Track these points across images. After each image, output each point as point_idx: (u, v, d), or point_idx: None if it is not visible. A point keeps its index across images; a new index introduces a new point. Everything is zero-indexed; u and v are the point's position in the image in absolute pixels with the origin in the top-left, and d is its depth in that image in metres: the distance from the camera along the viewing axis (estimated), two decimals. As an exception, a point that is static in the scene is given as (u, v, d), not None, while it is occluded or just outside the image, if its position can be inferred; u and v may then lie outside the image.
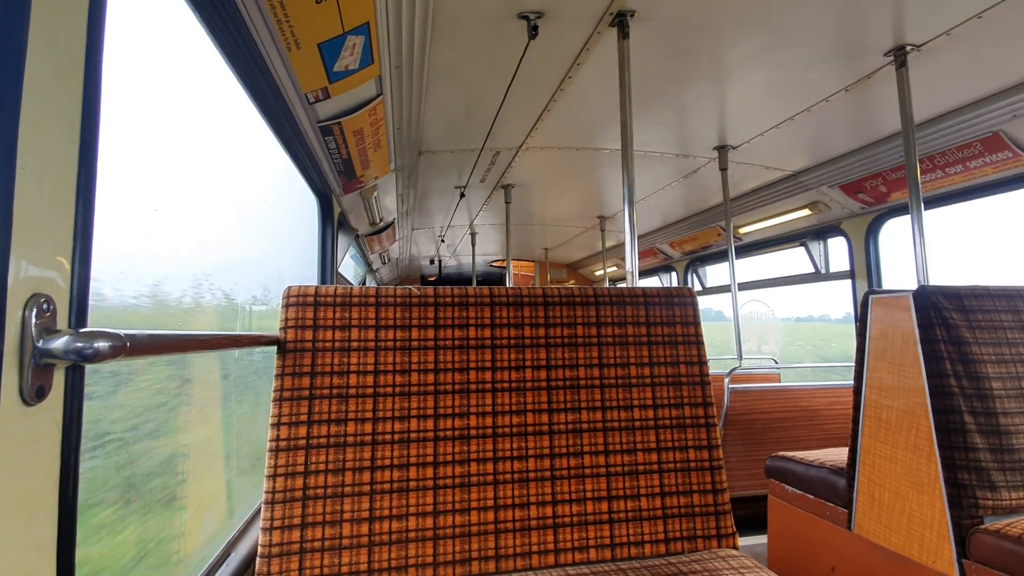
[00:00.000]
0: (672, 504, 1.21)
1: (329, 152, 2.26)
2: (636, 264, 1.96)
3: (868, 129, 2.89)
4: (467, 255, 7.00)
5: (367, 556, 1.05)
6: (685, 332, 1.34)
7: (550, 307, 1.28)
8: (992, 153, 2.62)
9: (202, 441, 1.48)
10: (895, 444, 1.68)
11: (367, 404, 1.13)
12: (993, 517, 1.47)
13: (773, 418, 3.06)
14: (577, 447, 1.21)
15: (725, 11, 1.85)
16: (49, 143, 0.56)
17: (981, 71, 2.21)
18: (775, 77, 2.33)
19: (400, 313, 1.19)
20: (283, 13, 1.37)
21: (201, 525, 1.38)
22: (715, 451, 1.27)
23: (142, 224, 1.11)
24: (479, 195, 4.32)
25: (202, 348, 0.88)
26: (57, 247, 0.57)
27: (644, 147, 3.25)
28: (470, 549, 1.10)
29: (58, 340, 0.53)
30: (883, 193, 3.28)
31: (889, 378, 1.72)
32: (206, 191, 1.49)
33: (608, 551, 1.16)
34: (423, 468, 1.12)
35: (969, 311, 1.63)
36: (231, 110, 1.67)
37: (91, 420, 0.92)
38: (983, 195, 2.93)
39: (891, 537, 1.66)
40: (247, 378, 1.86)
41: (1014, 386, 1.57)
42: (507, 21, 1.89)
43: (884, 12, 1.85)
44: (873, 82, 2.34)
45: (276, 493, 1.05)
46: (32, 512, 0.54)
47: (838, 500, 1.91)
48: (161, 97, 1.23)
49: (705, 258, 5.65)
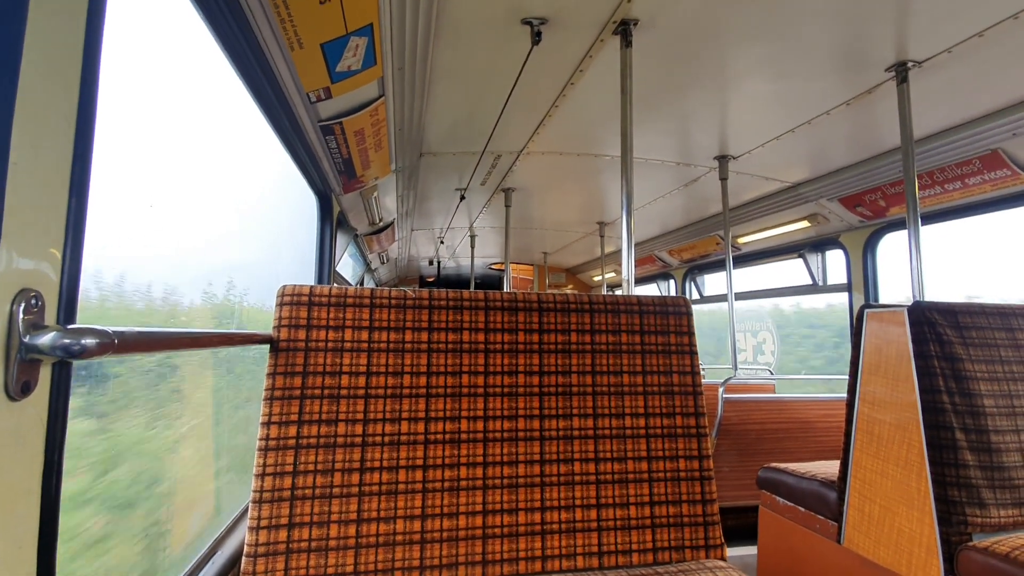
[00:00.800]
0: (661, 513, 1.21)
1: (330, 151, 2.27)
2: (632, 271, 1.96)
3: (868, 143, 2.90)
4: (466, 257, 7.00)
5: (353, 558, 1.05)
6: (679, 342, 1.34)
7: (544, 313, 1.28)
8: (991, 171, 2.63)
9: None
10: (886, 458, 1.68)
11: (358, 405, 1.12)
12: (982, 534, 1.47)
13: (767, 429, 3.06)
14: (568, 454, 1.20)
15: (728, 22, 1.86)
16: (43, 138, 0.56)
17: (981, 89, 2.22)
18: (777, 89, 2.34)
19: (394, 315, 1.19)
20: (287, 13, 1.37)
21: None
22: (705, 461, 1.27)
23: (139, 220, 1.10)
24: (479, 198, 4.32)
25: (193, 346, 0.88)
26: (48, 242, 0.57)
27: (645, 155, 3.25)
28: (458, 553, 1.10)
29: (45, 336, 0.53)
30: (882, 207, 3.29)
31: (882, 392, 1.72)
32: (206, 188, 1.49)
33: (595, 559, 1.16)
34: (412, 471, 1.12)
35: (963, 328, 1.63)
36: (232, 107, 1.68)
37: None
38: (981, 212, 2.94)
39: (880, 552, 1.66)
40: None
41: (1006, 404, 1.58)
42: (510, 26, 1.89)
43: (886, 28, 1.86)
44: (874, 97, 2.35)
45: (264, 492, 1.04)
46: (13, 508, 0.54)
47: (828, 513, 1.91)
48: (163, 94, 1.23)
49: (704, 267, 5.65)
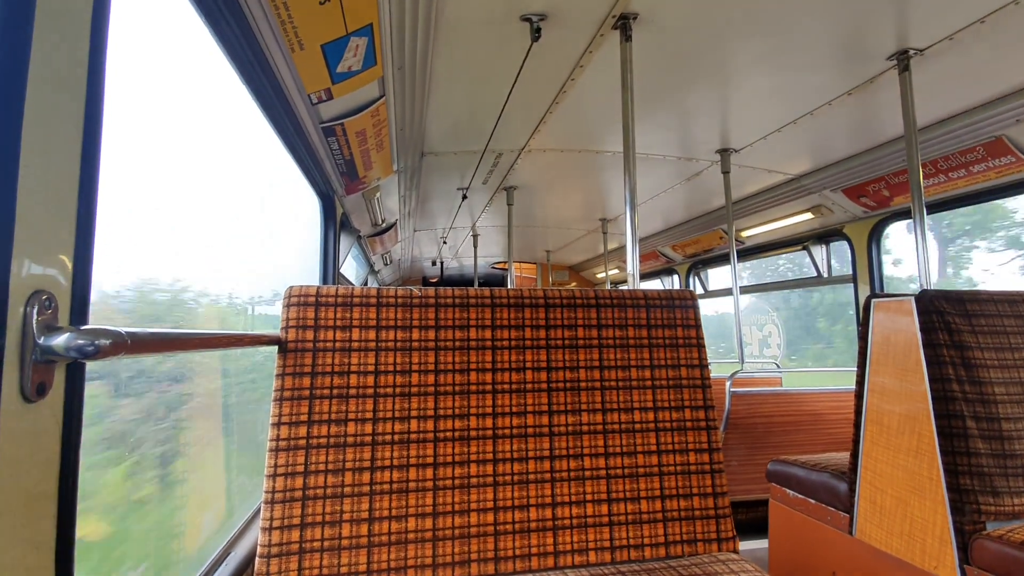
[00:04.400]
0: (672, 507, 1.21)
1: (332, 153, 2.27)
2: (637, 267, 1.96)
3: (871, 133, 2.88)
4: (469, 257, 7.00)
5: (366, 557, 1.05)
6: (686, 335, 1.33)
7: (551, 309, 1.28)
8: (995, 158, 2.61)
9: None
10: (897, 449, 1.67)
11: (367, 404, 1.13)
12: (995, 523, 1.46)
13: (775, 422, 3.05)
14: (577, 449, 1.20)
15: (728, 14, 1.85)
16: (52, 142, 0.56)
17: (984, 76, 2.20)
18: (778, 80, 2.33)
19: (401, 314, 1.19)
20: (287, 14, 1.37)
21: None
22: (715, 454, 1.27)
23: (145, 224, 1.11)
24: (481, 197, 4.32)
25: (204, 347, 0.88)
26: (59, 245, 0.57)
27: (646, 150, 3.24)
28: (469, 551, 1.10)
29: (59, 337, 0.53)
30: (886, 197, 3.28)
31: (891, 382, 1.71)
32: (209, 190, 1.50)
33: (608, 554, 1.15)
34: (423, 469, 1.12)
35: (972, 315, 1.62)
36: (235, 110, 1.68)
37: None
38: (986, 200, 2.92)
39: (893, 542, 1.65)
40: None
41: (1017, 391, 1.57)
42: (510, 23, 1.89)
43: (887, 17, 1.85)
44: (876, 86, 2.33)
45: (276, 493, 1.05)
46: (31, 509, 0.54)
47: (839, 505, 1.90)
48: (166, 98, 1.23)
49: (707, 261, 5.64)
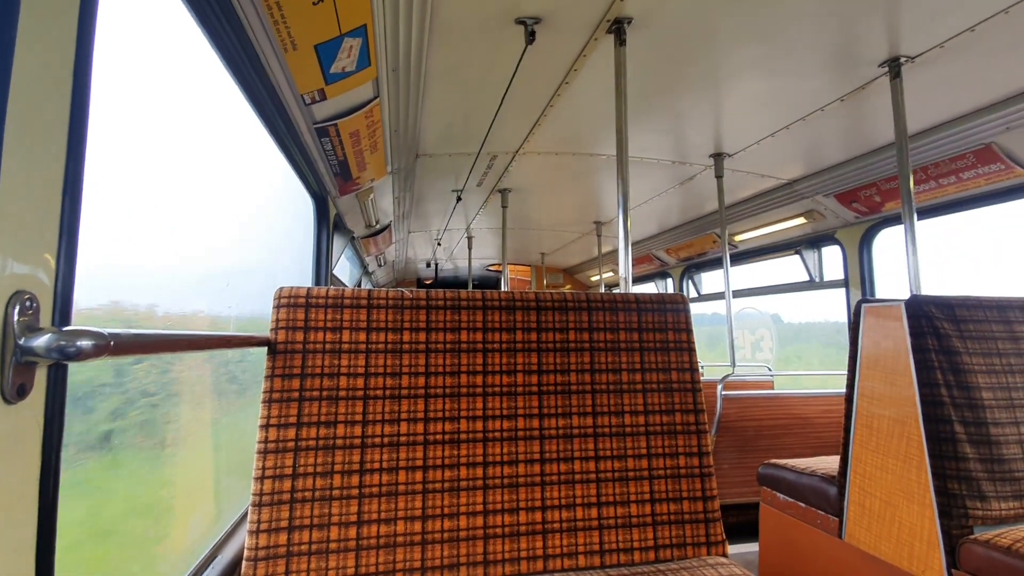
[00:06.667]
0: (662, 511, 1.21)
1: (325, 153, 2.26)
2: (630, 270, 1.96)
3: (862, 139, 2.91)
4: (464, 259, 6.99)
5: (354, 560, 1.04)
6: (677, 339, 1.34)
7: (542, 312, 1.28)
8: (985, 165, 2.64)
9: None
10: (886, 453, 1.68)
11: (357, 407, 1.12)
12: (983, 527, 1.47)
13: (766, 425, 3.06)
14: (567, 452, 1.20)
15: (722, 20, 1.86)
16: (36, 141, 0.56)
17: (974, 83, 2.23)
18: (771, 86, 2.35)
19: (392, 316, 1.19)
20: (280, 14, 1.37)
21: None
22: (705, 458, 1.27)
23: (132, 225, 1.10)
24: (476, 199, 4.32)
25: (191, 348, 0.87)
26: (42, 245, 0.57)
27: (640, 154, 3.25)
28: (459, 554, 1.09)
29: (40, 338, 0.53)
30: (877, 203, 3.30)
31: (881, 387, 1.72)
32: (200, 191, 1.49)
33: (597, 558, 1.15)
34: (412, 472, 1.12)
35: (960, 321, 1.63)
36: (227, 110, 1.67)
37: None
38: (975, 206, 2.95)
39: (881, 546, 1.66)
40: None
41: (1004, 396, 1.58)
42: (505, 26, 1.89)
43: (879, 24, 1.87)
44: (867, 93, 2.35)
45: (263, 496, 1.04)
46: (10, 512, 0.53)
47: (829, 508, 1.91)
48: (155, 96, 1.23)
49: (701, 265, 5.66)
